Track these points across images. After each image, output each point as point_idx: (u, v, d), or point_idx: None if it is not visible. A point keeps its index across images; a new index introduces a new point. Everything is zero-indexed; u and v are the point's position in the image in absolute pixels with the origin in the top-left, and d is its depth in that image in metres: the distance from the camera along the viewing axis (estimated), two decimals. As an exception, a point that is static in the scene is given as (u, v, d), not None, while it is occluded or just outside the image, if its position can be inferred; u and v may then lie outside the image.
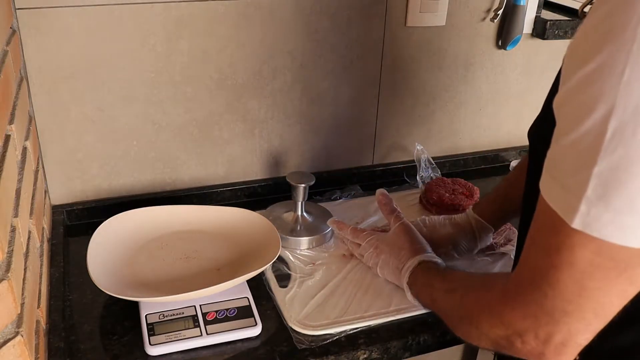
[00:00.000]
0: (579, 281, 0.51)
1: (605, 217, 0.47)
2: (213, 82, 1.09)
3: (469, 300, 0.68)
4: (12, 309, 0.57)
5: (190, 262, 0.94)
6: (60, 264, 0.92)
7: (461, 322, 0.69)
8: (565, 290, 0.52)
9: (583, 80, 0.48)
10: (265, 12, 1.07)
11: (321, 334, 0.83)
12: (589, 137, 0.47)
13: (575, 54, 0.50)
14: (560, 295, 0.52)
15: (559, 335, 0.55)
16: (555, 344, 0.55)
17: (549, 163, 0.52)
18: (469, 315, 0.67)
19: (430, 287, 0.81)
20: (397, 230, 0.92)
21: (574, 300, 0.52)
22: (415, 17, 1.17)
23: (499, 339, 0.61)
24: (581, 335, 0.54)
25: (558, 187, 0.50)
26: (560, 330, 0.54)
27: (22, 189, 0.73)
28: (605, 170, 0.46)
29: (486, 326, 0.63)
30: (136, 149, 1.10)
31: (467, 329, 0.68)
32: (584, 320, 0.53)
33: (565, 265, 0.51)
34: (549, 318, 0.54)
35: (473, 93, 1.31)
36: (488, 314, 0.62)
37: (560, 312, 0.53)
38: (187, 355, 0.79)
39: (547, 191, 0.52)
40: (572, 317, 0.53)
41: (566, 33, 1.27)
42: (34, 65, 0.97)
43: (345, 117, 1.22)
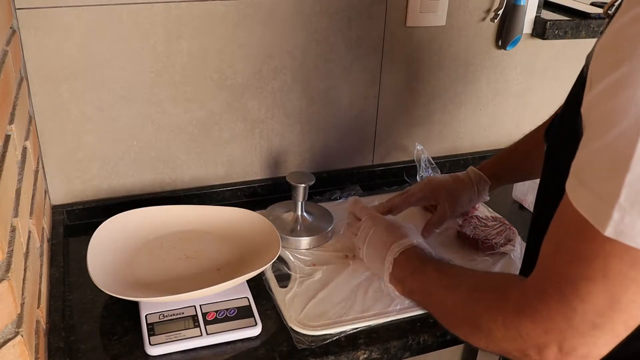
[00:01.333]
0: (612, 294, 0.48)
1: (639, 224, 0.45)
2: (213, 82, 1.09)
3: (476, 304, 0.64)
4: (12, 309, 0.57)
5: (190, 262, 0.94)
6: (60, 264, 0.92)
7: (465, 324, 0.66)
8: (596, 303, 0.49)
9: (614, 84, 0.46)
10: (265, 12, 1.07)
11: (321, 334, 0.83)
12: (620, 143, 0.46)
13: (604, 57, 0.49)
14: (592, 308, 0.50)
15: (584, 348, 0.52)
16: (578, 356, 0.53)
17: (578, 167, 0.51)
18: (477, 321, 0.62)
19: (421, 274, 0.77)
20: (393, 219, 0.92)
21: (605, 313, 0.49)
22: (415, 17, 1.17)
23: (511, 350, 0.58)
24: (607, 347, 0.52)
25: (589, 194, 0.49)
26: (586, 343, 0.52)
27: (22, 189, 0.73)
28: (638, 177, 0.45)
29: (499, 336, 0.59)
30: (136, 149, 1.10)
31: (473, 334, 0.64)
32: (613, 333, 0.51)
33: (598, 277, 0.48)
34: (576, 332, 0.51)
35: (473, 93, 1.31)
36: (502, 324, 0.58)
37: (589, 325, 0.51)
38: (187, 355, 0.79)
39: (577, 197, 0.50)
40: (602, 330, 0.50)
41: (566, 33, 1.27)
42: (34, 65, 0.97)
43: (345, 117, 1.22)
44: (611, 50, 0.48)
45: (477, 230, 1.05)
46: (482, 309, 0.62)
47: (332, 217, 1.07)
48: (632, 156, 0.45)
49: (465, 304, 0.66)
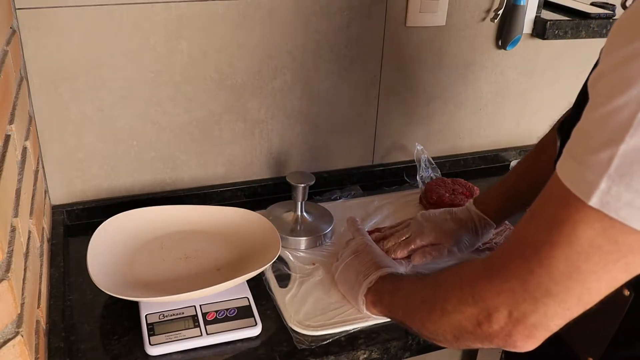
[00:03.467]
0: (573, 262, 0.49)
1: (625, 197, 0.45)
2: (213, 82, 1.09)
3: (439, 278, 0.64)
4: (12, 309, 0.57)
5: (190, 262, 0.94)
6: (60, 264, 0.92)
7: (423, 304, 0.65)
8: (555, 269, 0.49)
9: (626, 56, 0.46)
10: (265, 12, 1.07)
11: (321, 334, 0.83)
12: (621, 113, 0.45)
13: (619, 34, 0.48)
14: (549, 273, 0.50)
15: (534, 316, 0.52)
16: (527, 325, 0.53)
17: (571, 142, 0.50)
18: (435, 294, 0.62)
19: (399, 290, 0.76)
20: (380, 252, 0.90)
21: (561, 281, 0.50)
22: (415, 17, 1.17)
23: (463, 319, 0.58)
24: (557, 319, 0.52)
25: (576, 165, 0.48)
26: (537, 310, 0.52)
27: (22, 189, 0.73)
28: (633, 149, 0.44)
29: (453, 303, 0.59)
30: (136, 149, 1.10)
31: (429, 311, 0.63)
32: (565, 304, 0.51)
33: (564, 242, 0.49)
34: (528, 296, 0.52)
35: (473, 93, 1.31)
36: (459, 289, 0.58)
37: (543, 291, 0.51)
38: (187, 355, 0.79)
39: (564, 170, 0.50)
40: (555, 299, 0.50)
41: (566, 33, 1.27)
42: (34, 65, 0.97)
43: (345, 117, 1.22)
44: (627, 27, 0.47)
45: None
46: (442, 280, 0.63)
47: (332, 217, 1.07)
48: (629, 126, 0.44)
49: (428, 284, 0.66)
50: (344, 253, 0.91)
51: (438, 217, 0.99)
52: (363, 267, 0.85)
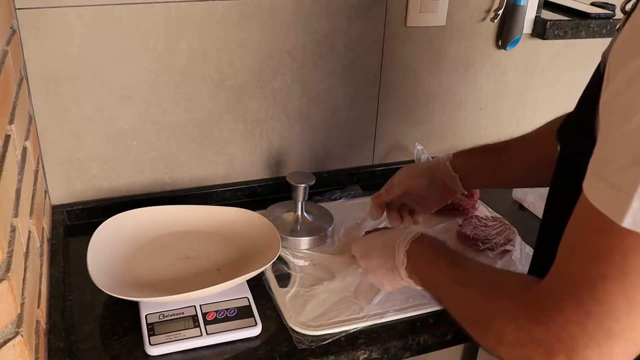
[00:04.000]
0: (630, 294, 0.45)
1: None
2: (213, 82, 1.09)
3: (489, 305, 0.61)
4: (12, 309, 0.57)
5: (190, 262, 0.94)
6: (60, 264, 0.92)
7: (477, 325, 0.63)
8: (613, 306, 0.46)
9: (635, 72, 0.45)
10: (265, 12, 1.07)
11: (321, 334, 0.83)
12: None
13: (624, 49, 0.48)
14: (608, 312, 0.47)
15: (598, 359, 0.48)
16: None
17: (596, 162, 0.49)
18: (488, 323, 0.60)
19: (435, 266, 0.75)
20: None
21: (622, 318, 0.46)
22: (415, 17, 1.17)
23: (519, 356, 0.55)
24: (622, 358, 0.48)
25: (606, 187, 0.46)
26: (601, 353, 0.48)
27: (22, 189, 0.73)
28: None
29: (509, 340, 0.56)
30: (136, 149, 1.10)
31: (484, 336, 0.61)
32: (630, 341, 0.47)
33: (616, 274, 0.46)
34: (589, 340, 0.48)
35: (473, 93, 1.31)
36: (514, 328, 0.55)
37: (604, 332, 0.47)
38: (187, 355, 0.79)
39: (593, 192, 0.48)
40: (618, 338, 0.47)
41: (566, 33, 1.27)
42: (34, 65, 0.97)
43: (345, 117, 1.22)
44: (631, 42, 0.47)
45: (477, 230, 1.05)
46: (494, 311, 0.59)
47: (332, 217, 1.07)
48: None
49: (477, 304, 0.64)
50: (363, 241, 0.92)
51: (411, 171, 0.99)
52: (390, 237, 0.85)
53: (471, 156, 0.96)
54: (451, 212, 1.13)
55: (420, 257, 0.79)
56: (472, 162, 0.95)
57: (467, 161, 0.95)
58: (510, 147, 0.93)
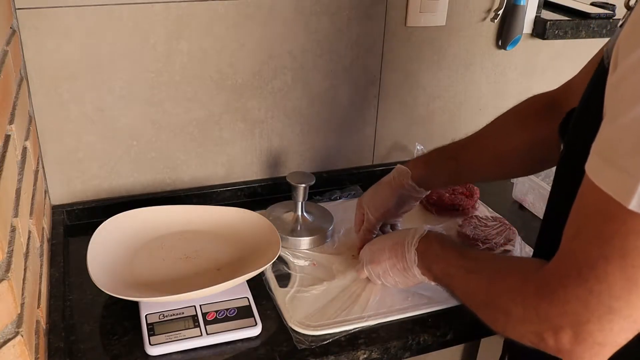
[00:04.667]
0: (630, 275, 0.48)
1: None
2: (213, 82, 1.09)
3: (497, 288, 0.64)
4: (12, 309, 0.57)
5: (190, 262, 0.94)
6: (60, 264, 0.92)
7: (487, 308, 0.66)
8: (613, 285, 0.49)
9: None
10: (265, 12, 1.07)
11: (321, 334, 0.83)
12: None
13: (631, 38, 0.49)
14: (608, 290, 0.49)
15: (600, 334, 0.51)
16: (593, 343, 0.52)
17: (601, 146, 0.50)
18: (497, 303, 0.62)
19: (444, 260, 0.77)
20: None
21: (622, 296, 0.49)
22: (415, 17, 1.17)
23: (528, 333, 0.58)
24: (623, 334, 0.51)
25: (613, 170, 0.48)
26: (602, 328, 0.51)
27: (22, 189, 0.73)
28: None
29: (517, 317, 0.59)
30: (136, 149, 1.10)
31: (494, 317, 0.64)
32: (630, 318, 0.50)
33: (616, 256, 0.48)
34: (591, 315, 0.51)
35: (473, 93, 1.31)
36: (521, 305, 0.58)
37: (605, 308, 0.50)
38: (187, 355, 0.79)
39: (599, 174, 0.49)
40: (618, 314, 0.50)
41: (566, 33, 1.27)
42: (34, 65, 0.97)
43: (345, 117, 1.22)
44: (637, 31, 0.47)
45: (477, 230, 1.05)
46: (502, 291, 0.62)
47: (332, 217, 1.07)
48: None
49: (486, 287, 0.66)
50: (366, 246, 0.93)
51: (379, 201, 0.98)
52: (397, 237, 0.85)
53: (429, 167, 0.96)
54: (451, 212, 1.13)
55: (430, 253, 0.80)
56: (431, 173, 0.96)
57: (426, 173, 0.95)
58: (468, 149, 0.94)
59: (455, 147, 0.95)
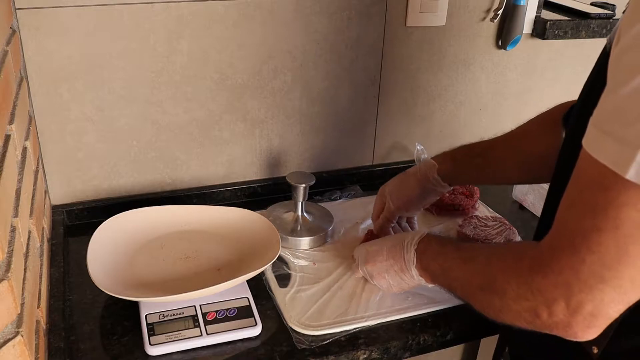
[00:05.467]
0: (621, 245, 0.49)
1: None
2: (213, 82, 1.09)
3: (492, 268, 0.64)
4: (12, 309, 0.57)
5: (190, 262, 0.94)
6: (60, 264, 0.92)
7: (481, 291, 0.66)
8: (605, 255, 0.50)
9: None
10: (265, 12, 1.07)
11: (321, 334, 0.83)
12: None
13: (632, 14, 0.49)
14: (600, 260, 0.50)
15: (591, 304, 0.52)
16: (585, 314, 0.53)
17: (598, 118, 0.50)
18: (492, 284, 0.63)
19: (442, 255, 0.77)
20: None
21: (613, 266, 0.50)
22: (415, 17, 1.17)
23: (523, 310, 0.58)
24: (614, 305, 0.52)
25: (610, 140, 0.48)
26: (594, 298, 0.52)
27: (22, 189, 0.73)
28: None
29: (512, 295, 0.59)
30: (136, 149, 1.10)
31: (489, 299, 0.64)
32: (620, 289, 0.51)
33: (609, 226, 0.49)
34: (583, 285, 0.52)
35: (473, 93, 1.31)
36: (515, 283, 0.59)
37: (596, 278, 0.51)
38: (187, 355, 0.79)
39: (595, 146, 0.50)
40: (608, 284, 0.51)
41: (566, 33, 1.27)
42: (34, 65, 0.97)
43: (345, 117, 1.22)
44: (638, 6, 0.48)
45: (477, 230, 1.05)
46: (497, 271, 0.63)
47: (332, 217, 1.07)
48: None
49: (482, 271, 0.67)
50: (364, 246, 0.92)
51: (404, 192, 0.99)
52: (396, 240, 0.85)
53: (455, 162, 0.96)
54: (451, 212, 1.13)
55: (429, 252, 0.80)
56: (457, 169, 0.96)
57: (453, 169, 0.96)
58: (495, 149, 0.94)
59: (483, 145, 0.95)
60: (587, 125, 0.51)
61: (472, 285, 0.68)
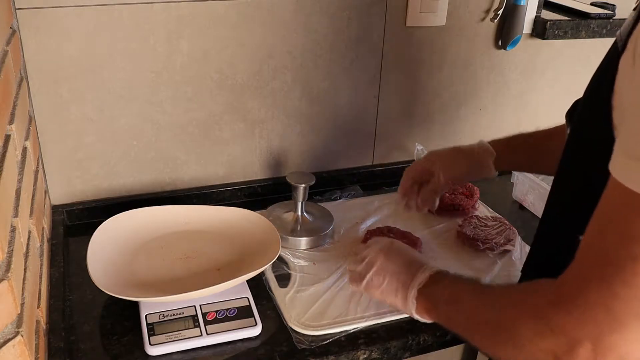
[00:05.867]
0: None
1: None
2: (213, 82, 1.09)
3: (502, 302, 0.58)
4: (12, 309, 0.57)
5: (190, 262, 0.94)
6: (60, 264, 0.92)
7: (487, 325, 0.59)
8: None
9: None
10: (265, 12, 1.07)
11: (321, 334, 0.83)
12: None
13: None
14: (635, 293, 0.45)
15: (622, 345, 0.46)
16: (615, 356, 0.47)
17: (625, 143, 0.47)
18: (506, 326, 0.55)
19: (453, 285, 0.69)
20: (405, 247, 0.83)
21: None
22: (415, 17, 1.17)
23: (538, 351, 0.51)
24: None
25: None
26: (626, 338, 0.46)
27: (22, 189, 0.73)
28: None
29: (526, 333, 0.52)
30: (136, 149, 1.10)
31: (496, 336, 0.57)
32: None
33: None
34: (616, 324, 0.46)
35: (473, 93, 1.31)
36: (532, 321, 0.52)
37: (632, 316, 0.45)
38: (187, 355, 0.79)
39: (626, 173, 0.46)
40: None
41: (566, 33, 1.27)
42: (34, 65, 0.97)
43: (345, 117, 1.22)
44: None
45: (477, 230, 1.05)
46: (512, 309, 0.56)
47: (332, 217, 1.07)
48: None
49: (491, 304, 0.60)
50: (369, 255, 0.81)
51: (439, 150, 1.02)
52: (402, 268, 0.76)
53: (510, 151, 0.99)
54: (451, 212, 1.13)
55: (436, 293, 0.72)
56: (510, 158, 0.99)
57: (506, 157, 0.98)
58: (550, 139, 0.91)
59: (539, 135, 0.94)
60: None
61: (479, 321, 0.61)
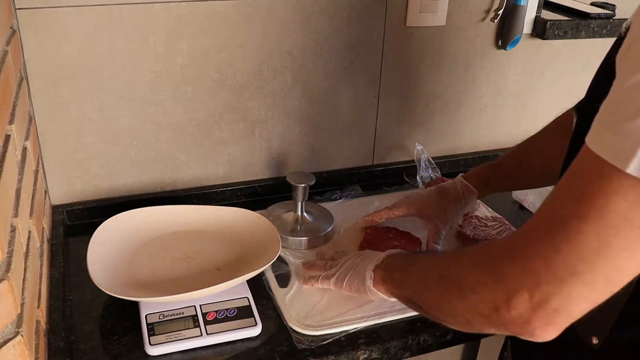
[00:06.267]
0: (603, 237, 0.45)
1: None
2: (213, 82, 1.09)
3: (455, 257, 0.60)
4: (12, 309, 0.57)
5: (190, 262, 0.94)
6: (60, 264, 0.92)
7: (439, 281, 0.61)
8: (583, 246, 0.46)
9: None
10: (265, 12, 1.07)
11: (321, 334, 0.83)
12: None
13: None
14: (576, 250, 0.47)
15: (557, 299, 0.48)
16: (549, 309, 0.49)
17: (602, 113, 0.48)
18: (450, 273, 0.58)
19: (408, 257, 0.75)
20: None
21: (589, 258, 0.46)
22: (415, 17, 1.17)
23: (479, 302, 0.54)
24: (581, 302, 0.48)
25: (610, 134, 0.46)
26: (561, 292, 0.48)
27: (22, 189, 0.73)
28: None
29: (470, 283, 0.55)
30: (136, 149, 1.10)
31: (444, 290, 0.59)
32: (592, 285, 0.47)
33: (595, 215, 0.46)
34: (552, 276, 0.48)
35: (473, 93, 1.31)
36: (478, 269, 0.55)
37: (569, 270, 0.47)
38: (187, 355, 0.79)
39: (596, 141, 0.47)
40: (581, 278, 0.47)
41: (566, 33, 1.27)
42: (34, 65, 0.97)
43: (345, 117, 1.22)
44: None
45: (477, 230, 1.05)
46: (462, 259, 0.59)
47: (332, 217, 1.07)
48: None
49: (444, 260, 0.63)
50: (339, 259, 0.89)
51: (425, 194, 1.03)
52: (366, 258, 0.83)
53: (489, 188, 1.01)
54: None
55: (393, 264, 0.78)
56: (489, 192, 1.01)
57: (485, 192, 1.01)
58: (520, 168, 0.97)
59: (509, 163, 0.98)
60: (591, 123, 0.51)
61: (430, 275, 0.64)
